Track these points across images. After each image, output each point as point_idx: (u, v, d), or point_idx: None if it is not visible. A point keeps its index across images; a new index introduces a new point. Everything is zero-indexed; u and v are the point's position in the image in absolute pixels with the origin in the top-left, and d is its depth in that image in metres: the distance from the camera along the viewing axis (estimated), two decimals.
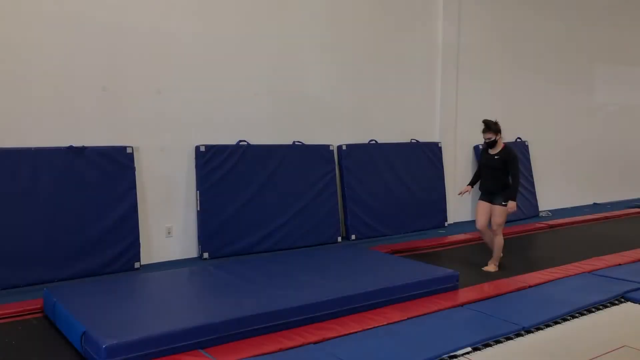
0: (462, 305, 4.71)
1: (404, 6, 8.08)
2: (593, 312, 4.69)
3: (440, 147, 8.38)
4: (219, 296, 4.52)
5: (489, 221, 6.06)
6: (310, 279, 4.88)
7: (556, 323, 4.42)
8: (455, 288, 5.08)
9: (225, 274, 5.11)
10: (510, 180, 5.96)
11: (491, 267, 6.05)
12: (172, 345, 3.68)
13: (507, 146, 6.06)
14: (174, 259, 6.30)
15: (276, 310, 4.13)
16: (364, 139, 7.72)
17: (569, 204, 10.51)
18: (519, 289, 5.19)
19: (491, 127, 6.00)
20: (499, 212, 5.96)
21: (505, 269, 5.93)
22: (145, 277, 5.21)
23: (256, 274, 5.06)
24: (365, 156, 7.60)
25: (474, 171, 8.88)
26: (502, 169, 5.98)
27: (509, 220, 8.71)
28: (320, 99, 7.36)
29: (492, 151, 6.07)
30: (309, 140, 7.17)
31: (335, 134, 7.46)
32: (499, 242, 6.06)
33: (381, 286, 4.69)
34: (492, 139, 6.01)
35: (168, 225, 6.30)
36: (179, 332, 3.73)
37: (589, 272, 5.75)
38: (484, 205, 6.09)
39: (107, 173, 5.75)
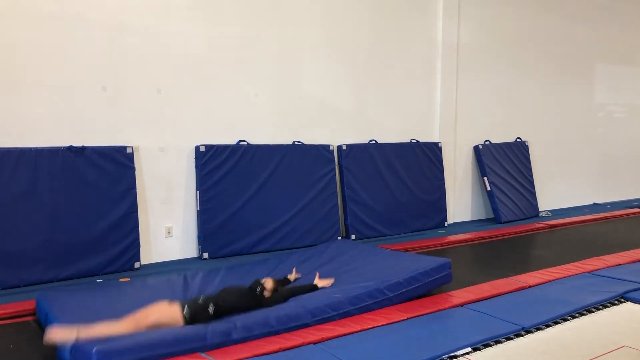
0: (462, 305, 4.71)
1: (404, 6, 8.08)
2: (593, 312, 4.68)
3: (440, 147, 8.38)
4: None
5: None
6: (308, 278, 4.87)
7: (556, 323, 4.41)
8: (449, 277, 5.03)
9: (224, 273, 5.10)
10: None
11: None
12: (165, 351, 3.58)
13: None
14: (174, 259, 6.31)
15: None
16: (364, 139, 7.72)
17: (569, 204, 10.51)
18: (518, 289, 5.18)
19: None
20: None
21: (505, 269, 5.93)
22: (142, 284, 5.12)
23: (255, 274, 5.06)
24: (365, 156, 7.60)
25: (474, 171, 8.96)
26: None
27: (510, 221, 8.77)
28: (320, 99, 7.36)
29: None
30: (309, 140, 7.18)
31: (335, 134, 7.46)
32: None
33: (371, 288, 4.59)
34: None
35: (168, 225, 6.30)
36: (171, 338, 3.65)
37: (589, 272, 5.75)
38: None
39: (107, 173, 5.75)
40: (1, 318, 4.42)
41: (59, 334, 3.67)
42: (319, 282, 4.73)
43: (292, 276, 4.92)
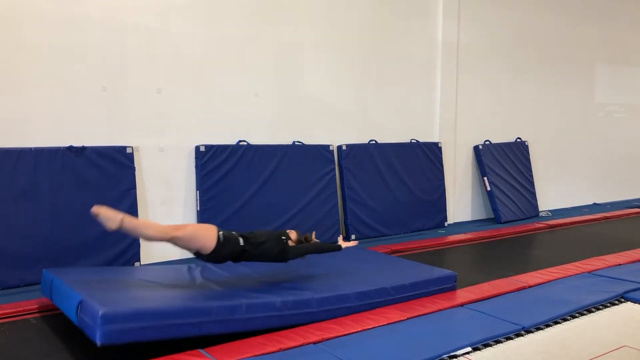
0: (462, 305, 4.71)
1: (404, 6, 8.08)
2: (593, 312, 4.68)
3: (440, 147, 8.38)
4: (216, 287, 4.50)
5: None
6: (306, 278, 4.86)
7: (556, 323, 4.41)
8: (453, 289, 5.07)
9: (223, 271, 5.09)
10: None
11: None
12: (170, 321, 3.65)
13: None
14: (174, 258, 6.29)
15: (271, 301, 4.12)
16: (364, 139, 7.72)
17: (569, 204, 10.51)
18: (519, 289, 5.18)
19: None
20: None
21: (505, 269, 5.93)
22: (145, 268, 5.26)
23: (253, 271, 5.04)
24: (365, 156, 7.61)
25: (474, 171, 8.96)
26: None
27: (510, 221, 8.77)
28: (320, 99, 7.37)
29: None
30: (309, 140, 7.18)
31: (335, 134, 7.46)
32: None
33: (377, 286, 4.65)
34: None
35: None
36: (178, 309, 3.72)
37: (589, 272, 5.75)
38: None
39: (107, 173, 5.76)
40: (2, 317, 4.42)
41: (107, 212, 3.95)
42: (342, 243, 4.83)
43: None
